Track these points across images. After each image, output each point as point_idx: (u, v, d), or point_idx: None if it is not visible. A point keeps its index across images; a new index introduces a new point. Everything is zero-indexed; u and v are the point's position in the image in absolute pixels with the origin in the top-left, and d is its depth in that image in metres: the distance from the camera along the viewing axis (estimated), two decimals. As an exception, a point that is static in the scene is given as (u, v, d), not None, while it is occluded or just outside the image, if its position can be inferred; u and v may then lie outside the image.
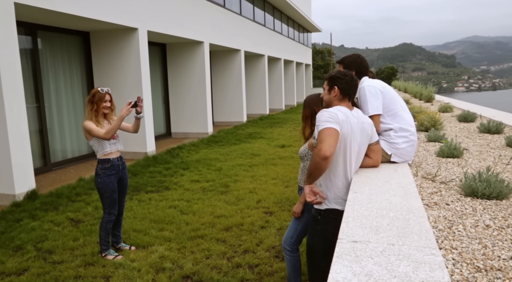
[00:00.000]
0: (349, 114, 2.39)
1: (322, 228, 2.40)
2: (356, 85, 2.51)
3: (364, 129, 2.46)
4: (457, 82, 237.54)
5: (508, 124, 5.59)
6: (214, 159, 8.46)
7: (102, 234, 3.93)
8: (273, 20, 20.19)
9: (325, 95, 2.53)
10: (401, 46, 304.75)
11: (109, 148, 3.83)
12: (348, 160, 2.41)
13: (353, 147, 2.40)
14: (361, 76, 3.00)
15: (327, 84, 2.51)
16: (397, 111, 2.88)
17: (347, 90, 2.43)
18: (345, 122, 2.33)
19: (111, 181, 3.84)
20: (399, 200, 2.15)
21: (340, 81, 2.43)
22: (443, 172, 3.07)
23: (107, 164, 3.83)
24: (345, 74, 2.45)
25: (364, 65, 3.02)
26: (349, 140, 2.37)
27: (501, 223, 2.00)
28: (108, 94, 3.83)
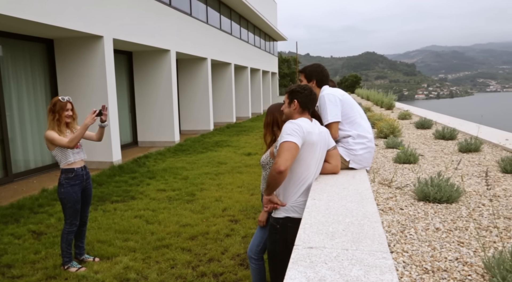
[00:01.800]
0: (312, 125, 2.48)
1: (282, 236, 2.45)
2: (314, 98, 2.59)
3: (324, 138, 2.55)
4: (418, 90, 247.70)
5: (461, 130, 5.91)
6: (180, 168, 8.38)
7: (64, 246, 3.80)
8: (240, 29, 20.35)
9: (285, 108, 2.60)
10: (364, 54, 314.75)
11: (73, 158, 3.73)
12: (309, 169, 2.48)
13: (315, 156, 2.48)
14: (322, 85, 3.10)
15: (287, 98, 2.58)
16: (355, 119, 3.00)
17: (307, 103, 2.52)
18: (311, 133, 2.41)
19: (75, 191, 3.75)
20: (355, 206, 2.23)
21: (299, 95, 2.51)
22: (399, 177, 3.21)
23: (71, 173, 3.73)
24: (305, 88, 2.54)
25: (325, 74, 3.12)
26: (312, 150, 2.44)
27: (450, 225, 2.12)
28: (69, 102, 3.74)
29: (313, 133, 2.40)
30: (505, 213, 2.29)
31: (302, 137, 2.33)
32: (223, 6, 17.43)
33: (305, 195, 2.46)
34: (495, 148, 4.51)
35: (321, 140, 2.50)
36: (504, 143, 4.56)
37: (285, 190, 2.48)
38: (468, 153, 4.24)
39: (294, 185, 2.46)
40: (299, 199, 2.45)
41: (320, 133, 2.51)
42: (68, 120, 3.73)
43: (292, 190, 2.46)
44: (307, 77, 3.08)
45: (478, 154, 4.17)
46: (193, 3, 13.72)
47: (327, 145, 2.65)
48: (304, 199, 2.43)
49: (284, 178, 2.31)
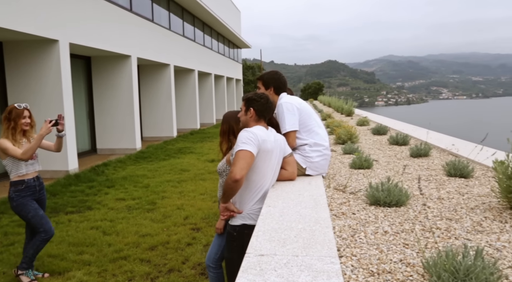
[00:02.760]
0: (267, 133, 2.52)
1: (239, 244, 2.46)
2: (271, 107, 2.62)
3: (280, 145, 2.61)
4: (377, 97, 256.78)
5: (413, 136, 6.19)
6: (141, 176, 8.20)
7: (31, 253, 3.62)
8: (203, 36, 20.31)
9: (242, 116, 2.63)
10: (327, 63, 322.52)
11: (25, 169, 3.56)
12: (265, 178, 2.51)
13: (270, 164, 2.52)
14: (280, 92, 3.14)
15: (244, 105, 2.61)
16: (312, 127, 3.08)
17: (263, 111, 2.56)
18: (266, 141, 2.45)
19: (29, 200, 3.58)
20: (309, 212, 2.28)
21: (256, 103, 2.55)
22: (353, 183, 3.32)
23: (21, 185, 3.56)
24: (261, 97, 2.57)
25: (282, 82, 3.15)
26: (267, 158, 2.48)
27: (397, 228, 2.21)
28: (26, 110, 3.58)
29: (268, 141, 2.45)
30: (447, 214, 2.43)
31: (257, 146, 2.36)
32: (186, 13, 17.35)
33: (261, 202, 2.49)
34: (443, 153, 4.77)
35: (276, 147, 2.55)
36: (450, 148, 4.82)
37: (241, 198, 2.50)
38: (419, 158, 4.45)
39: (250, 193, 2.49)
40: (255, 206, 2.48)
41: (275, 141, 2.56)
42: (25, 128, 3.57)
43: (248, 197, 2.49)
44: (265, 84, 3.11)
45: (427, 159, 4.38)
46: (155, 9, 13.57)
47: (283, 152, 2.70)
48: (260, 206, 2.46)
49: (240, 186, 2.34)
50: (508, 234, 2.09)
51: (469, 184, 3.19)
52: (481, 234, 2.09)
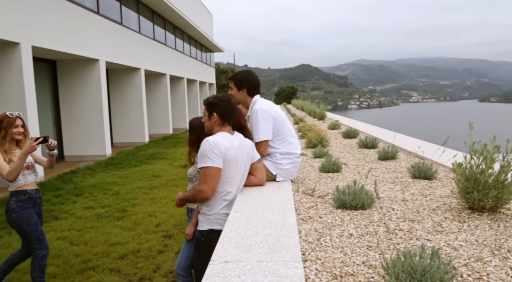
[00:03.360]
0: (233, 140, 2.51)
1: (206, 249, 2.45)
2: (234, 109, 2.58)
3: (246, 150, 2.60)
4: (350, 100, 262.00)
5: (382, 139, 6.34)
6: (111, 183, 8.02)
7: (36, 275, 3.43)
8: (175, 39, 20.14)
9: (205, 121, 2.59)
10: (300, 66, 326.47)
11: (23, 180, 3.38)
12: (231, 184, 2.51)
13: (236, 170, 2.52)
14: (254, 94, 3.06)
15: (206, 110, 2.57)
16: (286, 136, 3.06)
17: (226, 115, 2.52)
18: (230, 149, 2.44)
19: (30, 213, 3.39)
20: (275, 217, 2.30)
21: (218, 107, 2.51)
22: (322, 186, 3.36)
23: (24, 195, 3.36)
24: (222, 100, 2.53)
25: (256, 82, 3.07)
26: (232, 165, 2.48)
27: (362, 231, 2.26)
28: (19, 118, 3.41)
29: (232, 149, 2.44)
30: (410, 216, 2.50)
31: (221, 157, 2.37)
32: (157, 16, 17.17)
33: (229, 208, 2.49)
34: (409, 155, 4.91)
35: (242, 153, 2.55)
36: (416, 151, 4.97)
37: (208, 204, 2.49)
38: (386, 161, 4.56)
39: (217, 199, 2.49)
40: (222, 211, 2.48)
41: (241, 146, 2.55)
42: (18, 137, 3.39)
43: (215, 204, 2.49)
44: (238, 85, 3.02)
45: (394, 161, 4.50)
46: (124, 11, 13.35)
47: (251, 158, 2.70)
48: (227, 212, 2.46)
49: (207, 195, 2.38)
50: (465, 233, 2.17)
51: (432, 186, 3.30)
52: (441, 234, 2.17)
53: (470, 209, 2.58)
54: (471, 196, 2.49)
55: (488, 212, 2.52)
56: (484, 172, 2.47)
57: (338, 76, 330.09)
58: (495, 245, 2.00)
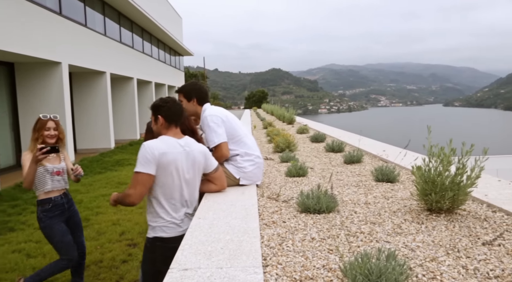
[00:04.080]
0: (173, 144, 2.44)
1: (151, 256, 2.46)
2: (179, 109, 2.54)
3: (194, 157, 2.52)
4: (320, 104, 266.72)
5: (349, 143, 6.45)
6: (73, 191, 7.71)
7: (44, 274, 3.31)
8: (143, 42, 19.81)
9: (153, 126, 2.56)
10: (271, 71, 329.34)
11: (51, 185, 3.31)
12: (173, 190, 2.45)
13: (178, 175, 2.44)
14: (203, 103, 3.12)
15: (152, 115, 2.54)
16: (241, 138, 3.09)
17: (171, 116, 2.48)
18: (166, 153, 2.38)
19: (57, 222, 3.32)
20: (238, 223, 2.28)
21: (162, 109, 2.48)
22: (287, 191, 3.37)
23: (48, 204, 3.30)
24: (166, 101, 2.50)
25: (204, 92, 3.14)
26: (171, 169, 2.40)
27: (324, 234, 2.27)
28: (52, 121, 3.34)
29: (168, 153, 2.38)
30: (372, 218, 2.54)
31: (154, 163, 2.34)
32: (124, 18, 16.83)
33: (176, 214, 2.46)
34: (374, 159, 5.01)
35: (186, 158, 2.46)
36: (381, 154, 5.08)
37: (152, 212, 2.48)
38: (352, 164, 4.64)
39: (160, 207, 2.46)
40: (165, 218, 2.45)
41: (187, 152, 2.47)
42: (49, 140, 3.31)
43: (159, 211, 2.46)
44: (187, 96, 3.08)
45: (359, 165, 4.58)
46: (89, 13, 13.00)
47: (204, 165, 2.63)
48: (172, 219, 2.44)
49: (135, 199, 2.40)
50: (423, 234, 2.23)
51: (394, 188, 3.38)
52: (400, 236, 2.21)
53: (429, 211, 2.66)
54: (429, 198, 2.57)
55: (445, 213, 2.60)
56: (441, 175, 2.55)
57: (308, 81, 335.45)
58: (449, 245, 2.06)
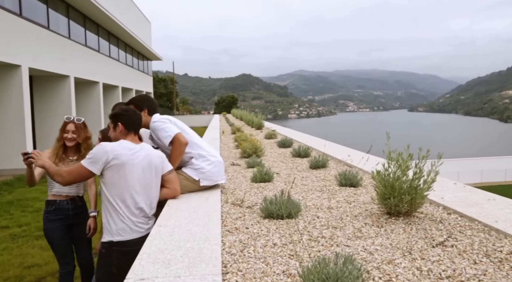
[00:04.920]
0: (129, 147, 2.52)
1: (106, 262, 2.41)
2: (139, 118, 2.69)
3: (152, 161, 2.59)
4: (290, 109, 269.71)
5: (315, 148, 6.54)
6: (32, 199, 7.40)
7: None
8: (109, 46, 19.36)
9: (111, 133, 2.64)
10: (241, 76, 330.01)
11: (57, 189, 3.22)
12: (129, 192, 2.46)
13: (132, 179, 2.47)
14: (154, 113, 3.17)
15: (111, 123, 2.62)
16: (191, 139, 3.12)
17: (131, 124, 2.60)
18: (120, 155, 2.43)
19: (56, 227, 3.23)
20: (200, 230, 2.25)
21: (122, 117, 2.59)
22: (252, 197, 3.37)
23: (51, 207, 3.25)
24: (127, 110, 2.64)
25: (154, 103, 3.24)
26: (125, 170, 2.44)
27: (286, 240, 2.28)
28: (72, 123, 3.25)
29: (123, 155, 2.44)
30: (334, 223, 2.58)
31: (102, 164, 2.40)
32: (89, 22, 16.40)
33: (132, 217, 2.45)
34: (339, 164, 5.10)
35: (142, 161, 2.52)
36: (346, 159, 5.19)
37: (108, 216, 2.45)
38: (317, 169, 4.70)
39: (116, 209, 2.44)
40: (122, 221, 2.43)
41: (143, 156, 2.54)
42: (68, 143, 3.26)
43: (115, 215, 2.44)
44: (138, 107, 3.11)
45: (324, 170, 4.65)
46: (52, 15, 12.58)
47: (161, 168, 2.68)
48: (128, 222, 2.43)
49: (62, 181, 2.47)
50: (382, 238, 2.28)
51: (357, 193, 3.44)
52: (360, 240, 2.26)
53: (388, 214, 2.73)
54: (388, 202, 2.64)
55: (403, 216, 2.68)
56: (399, 179, 2.63)
57: (278, 86, 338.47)
58: (406, 248, 2.12)
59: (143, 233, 2.47)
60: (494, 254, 1.99)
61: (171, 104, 45.89)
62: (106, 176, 2.44)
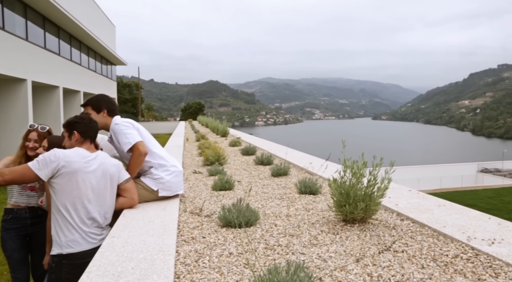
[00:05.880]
0: (84, 155, 2.45)
1: (57, 276, 2.34)
2: (95, 126, 2.63)
3: (107, 170, 2.53)
4: (257, 117, 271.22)
5: (278, 156, 6.60)
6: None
7: None
8: (70, 49, 18.74)
9: (66, 143, 2.57)
10: (208, 83, 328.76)
11: (15, 198, 3.08)
12: (81, 201, 2.39)
13: (85, 187, 2.41)
14: (114, 114, 3.06)
15: (66, 131, 2.56)
16: (151, 149, 3.04)
17: (87, 132, 2.56)
18: (72, 162, 2.37)
19: (11, 237, 3.10)
20: (155, 240, 2.21)
21: (78, 125, 2.54)
22: (212, 205, 3.34)
23: (8, 215, 3.12)
24: (83, 118, 2.59)
25: (113, 103, 3.11)
26: (77, 178, 2.38)
27: (243, 249, 2.27)
28: (36, 131, 3.10)
29: (75, 162, 2.38)
30: (291, 231, 2.60)
31: (52, 168, 2.33)
32: (49, 23, 15.82)
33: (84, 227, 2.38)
34: (301, 171, 5.17)
35: (97, 168, 2.47)
36: (307, 167, 5.26)
37: (57, 226, 2.37)
38: (279, 177, 4.74)
39: (66, 219, 2.36)
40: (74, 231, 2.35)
41: (98, 163, 2.49)
42: (30, 152, 3.13)
43: (65, 224, 2.36)
44: (96, 109, 3.00)
45: (286, 178, 4.69)
46: (7, 15, 12.04)
47: (117, 177, 2.63)
48: (79, 233, 2.36)
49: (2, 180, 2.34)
50: (336, 245, 2.32)
51: (316, 200, 3.50)
52: (315, 247, 2.29)
53: (344, 221, 2.78)
54: (344, 209, 2.70)
55: (358, 223, 2.74)
56: (354, 187, 2.69)
57: (245, 93, 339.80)
58: (359, 254, 2.17)
59: (96, 244, 2.39)
60: (440, 258, 2.07)
61: (136, 110, 44.94)
62: (56, 184, 2.35)
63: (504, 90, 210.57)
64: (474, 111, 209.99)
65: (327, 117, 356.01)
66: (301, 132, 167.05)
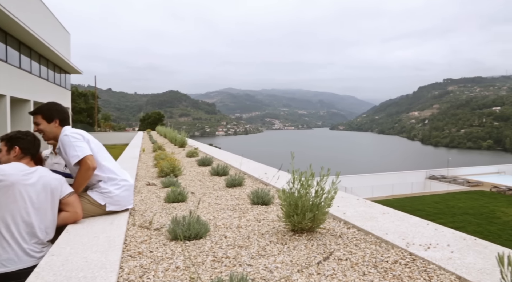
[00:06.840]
0: (21, 169, 2.40)
1: None
2: (39, 144, 2.61)
3: (47, 183, 2.48)
4: (218, 127, 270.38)
5: (234, 166, 6.61)
6: None
7: None
8: (20, 56, 17.85)
9: (3, 157, 2.50)
10: (169, 93, 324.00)
11: None
12: (18, 216, 2.31)
13: (22, 201, 2.34)
14: (65, 124, 2.97)
15: (5, 145, 2.50)
16: (100, 162, 2.93)
17: (30, 149, 2.53)
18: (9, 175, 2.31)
19: None
20: (98, 257, 2.14)
21: (21, 141, 2.51)
22: (162, 218, 3.28)
23: None
24: (27, 134, 2.56)
25: (65, 111, 3.01)
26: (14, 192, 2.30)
27: (190, 262, 2.25)
28: None
29: (13, 175, 2.32)
30: (240, 242, 2.61)
31: None
32: (-4, 30, 15.02)
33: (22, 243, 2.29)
34: (256, 182, 5.21)
35: (36, 182, 2.41)
36: (262, 177, 5.31)
37: None
38: (233, 188, 4.74)
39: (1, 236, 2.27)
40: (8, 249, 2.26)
41: (38, 177, 2.43)
42: None
43: None
44: (47, 118, 2.87)
45: (240, 188, 4.71)
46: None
47: (59, 191, 2.57)
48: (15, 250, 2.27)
49: None
50: (283, 255, 2.36)
51: (267, 211, 3.53)
52: (263, 258, 2.31)
53: (293, 231, 2.84)
54: (292, 219, 2.75)
55: (306, 233, 2.80)
56: (302, 197, 2.76)
57: (206, 103, 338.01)
58: (305, 264, 2.21)
59: (34, 262, 2.28)
60: (381, 265, 2.17)
61: (92, 120, 43.34)
62: None
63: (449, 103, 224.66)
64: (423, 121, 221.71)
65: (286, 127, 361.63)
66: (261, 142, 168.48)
